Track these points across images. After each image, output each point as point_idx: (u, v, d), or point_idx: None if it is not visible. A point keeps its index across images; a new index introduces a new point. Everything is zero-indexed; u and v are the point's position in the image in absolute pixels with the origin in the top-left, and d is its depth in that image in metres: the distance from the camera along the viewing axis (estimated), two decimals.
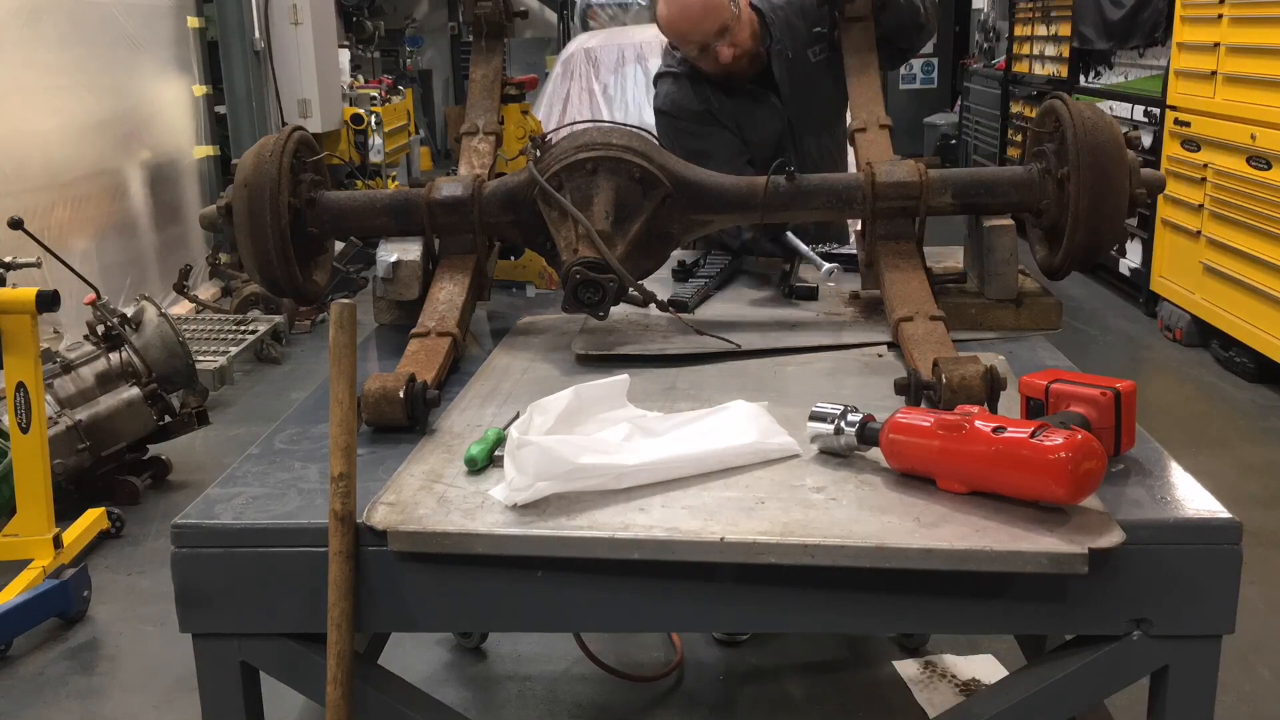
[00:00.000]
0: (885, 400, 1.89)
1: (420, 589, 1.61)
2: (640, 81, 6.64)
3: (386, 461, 1.77)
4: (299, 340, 6.68)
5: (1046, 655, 1.78)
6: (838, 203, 2.35)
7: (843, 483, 1.65)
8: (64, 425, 4.21)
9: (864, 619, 1.66)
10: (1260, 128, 5.34)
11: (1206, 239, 5.88)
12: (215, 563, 1.61)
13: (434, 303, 2.29)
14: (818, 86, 2.94)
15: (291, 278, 2.32)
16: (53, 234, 5.48)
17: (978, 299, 2.38)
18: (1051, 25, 8.59)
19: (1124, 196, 2.19)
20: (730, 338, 2.28)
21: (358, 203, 2.43)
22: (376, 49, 12.38)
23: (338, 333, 1.61)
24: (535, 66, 11.05)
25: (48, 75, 5.88)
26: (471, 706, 3.14)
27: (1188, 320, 6.10)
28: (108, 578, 3.87)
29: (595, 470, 1.61)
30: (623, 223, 2.25)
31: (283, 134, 2.33)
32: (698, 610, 1.62)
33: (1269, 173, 5.29)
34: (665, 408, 1.94)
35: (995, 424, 1.55)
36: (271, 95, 7.61)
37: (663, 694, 3.15)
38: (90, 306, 4.48)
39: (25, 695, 3.24)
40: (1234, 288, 5.61)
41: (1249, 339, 5.48)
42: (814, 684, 3.18)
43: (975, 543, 1.47)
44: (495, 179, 2.46)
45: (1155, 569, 1.53)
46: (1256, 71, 5.42)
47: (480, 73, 2.84)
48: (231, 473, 1.78)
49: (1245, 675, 3.13)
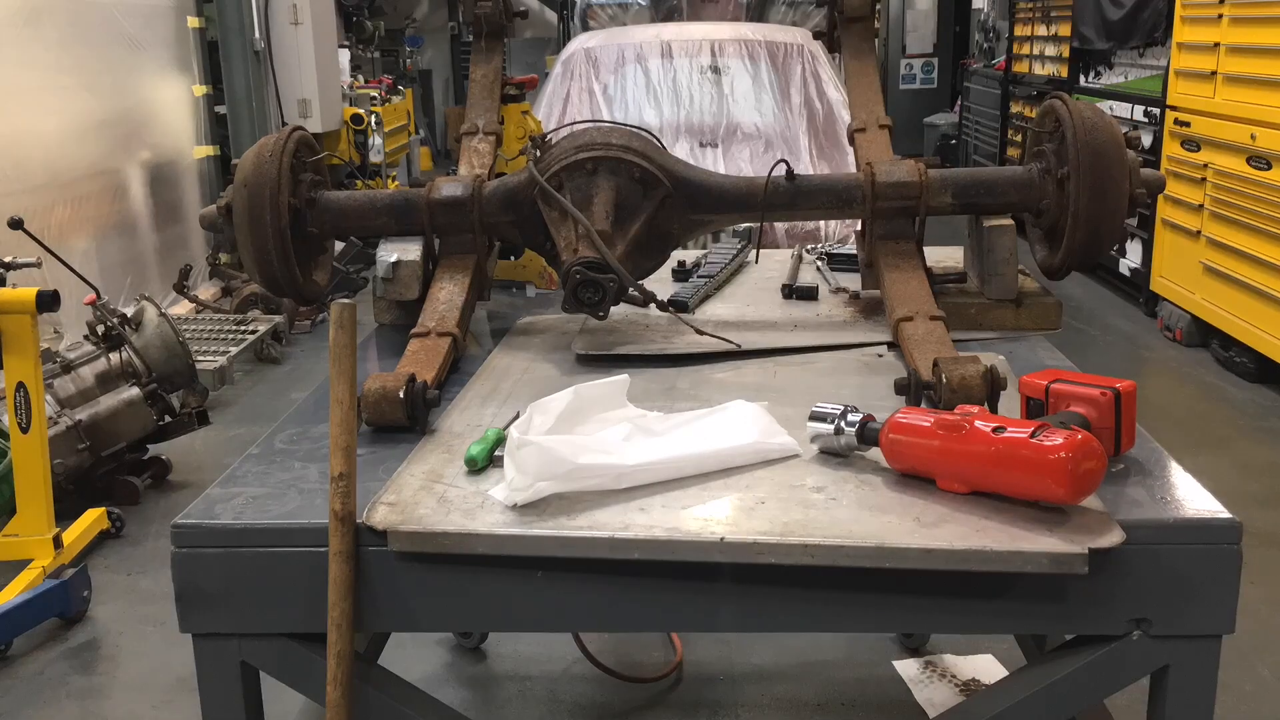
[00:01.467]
0: (885, 400, 1.89)
1: (420, 589, 1.61)
2: (640, 81, 6.64)
3: (386, 461, 1.77)
4: (299, 340, 6.68)
5: (1046, 655, 1.78)
6: (837, 202, 2.35)
7: (843, 483, 1.65)
8: (64, 425, 4.21)
9: (864, 619, 1.66)
10: (1260, 128, 5.34)
11: (1206, 239, 5.88)
12: (215, 563, 1.61)
13: (434, 303, 2.29)
14: None
15: (291, 278, 2.32)
16: (53, 234, 5.48)
17: (978, 299, 2.38)
18: (1051, 25, 8.59)
19: (1124, 196, 2.19)
20: (730, 338, 2.28)
21: (358, 203, 2.43)
22: (376, 49, 12.37)
23: (338, 333, 1.61)
24: (535, 66, 11.05)
25: (48, 75, 5.88)
26: (471, 706, 3.14)
27: (1188, 320, 6.10)
28: (108, 578, 3.87)
29: (595, 470, 1.62)
30: (623, 223, 2.25)
31: (283, 134, 2.33)
32: (698, 610, 1.61)
33: (1269, 173, 5.29)
34: (665, 408, 1.94)
35: (995, 424, 1.55)
36: (271, 95, 7.61)
37: (663, 694, 3.15)
38: (90, 306, 4.48)
39: (25, 695, 3.24)
40: (1234, 288, 5.61)
41: (1249, 339, 5.49)
42: (814, 684, 3.18)
43: (975, 543, 1.47)
44: (495, 179, 2.46)
45: (1155, 569, 1.53)
46: (1256, 71, 5.42)
47: (480, 73, 2.84)
48: (231, 473, 1.78)
49: (1245, 675, 3.13)
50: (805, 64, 6.63)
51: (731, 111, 6.47)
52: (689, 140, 6.30)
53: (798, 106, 6.48)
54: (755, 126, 6.40)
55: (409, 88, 11.39)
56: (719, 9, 9.17)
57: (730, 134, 6.38)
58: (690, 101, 6.54)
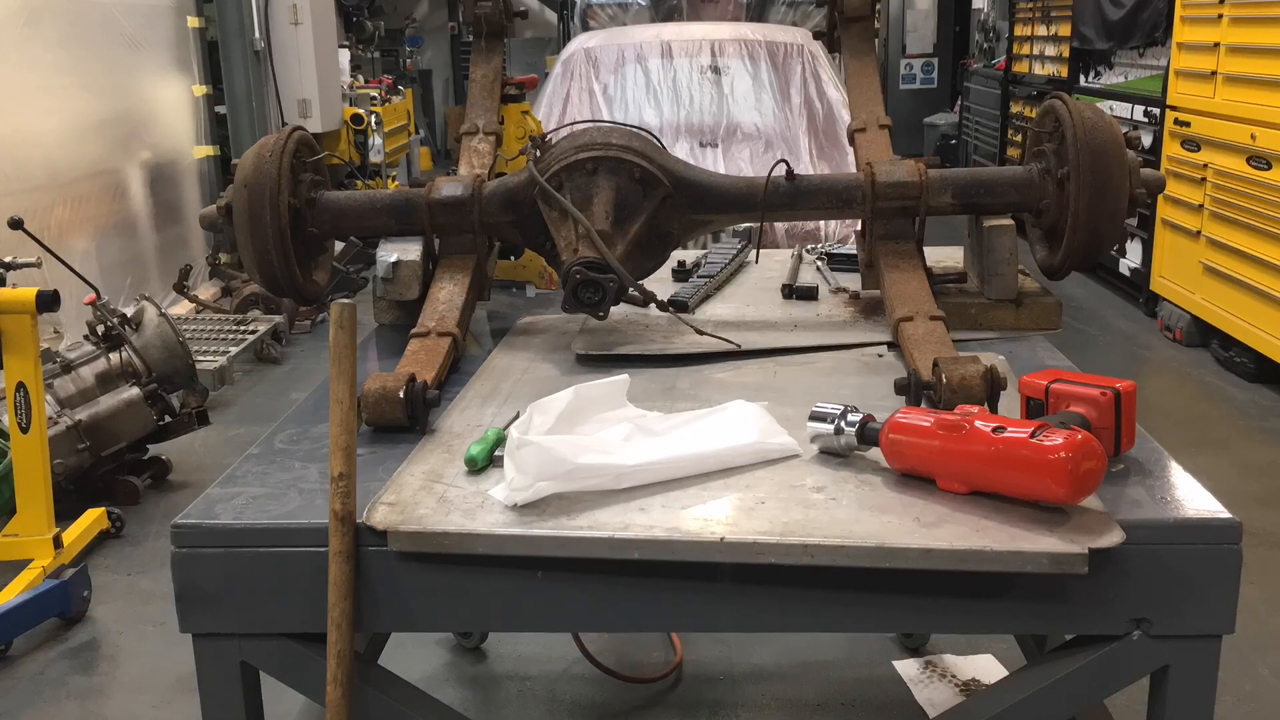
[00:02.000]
0: (885, 400, 1.89)
1: (420, 589, 1.61)
2: (640, 81, 6.64)
3: (386, 461, 1.77)
4: (299, 340, 6.68)
5: (1046, 655, 1.78)
6: (837, 202, 2.35)
7: (843, 483, 1.65)
8: (64, 425, 4.21)
9: (864, 619, 1.66)
10: (1260, 128, 5.34)
11: (1206, 239, 5.88)
12: (215, 563, 1.61)
13: (434, 303, 2.29)
14: None
15: (291, 278, 2.32)
16: (53, 234, 5.48)
17: (978, 299, 2.38)
18: (1051, 25, 8.59)
19: (1124, 196, 2.19)
20: (730, 338, 2.28)
21: (358, 203, 2.43)
22: (376, 49, 12.37)
23: (338, 333, 1.61)
24: (535, 66, 11.05)
25: (48, 75, 5.88)
26: (471, 706, 3.14)
27: (1188, 320, 6.10)
28: (108, 578, 3.87)
29: (595, 470, 1.61)
30: (623, 223, 2.25)
31: (283, 134, 2.33)
32: (698, 610, 1.61)
33: (1269, 173, 5.29)
34: (665, 408, 1.94)
35: (995, 424, 1.55)
36: (271, 95, 7.61)
37: (663, 694, 3.15)
38: (90, 306, 4.48)
39: (25, 695, 3.24)
40: (1234, 288, 5.61)
41: (1249, 339, 5.48)
42: (814, 684, 3.18)
43: (975, 543, 1.47)
44: (495, 179, 2.46)
45: (1155, 569, 1.53)
46: (1256, 71, 5.42)
47: (480, 73, 2.84)
48: (231, 473, 1.78)
49: (1245, 675, 3.13)
50: (805, 64, 6.63)
51: (731, 111, 6.47)
52: (689, 140, 6.30)
53: (798, 106, 6.48)
54: (755, 126, 6.40)
55: (409, 88, 11.39)
56: (719, 9, 9.16)
57: (730, 134, 6.38)
58: (690, 101, 6.54)
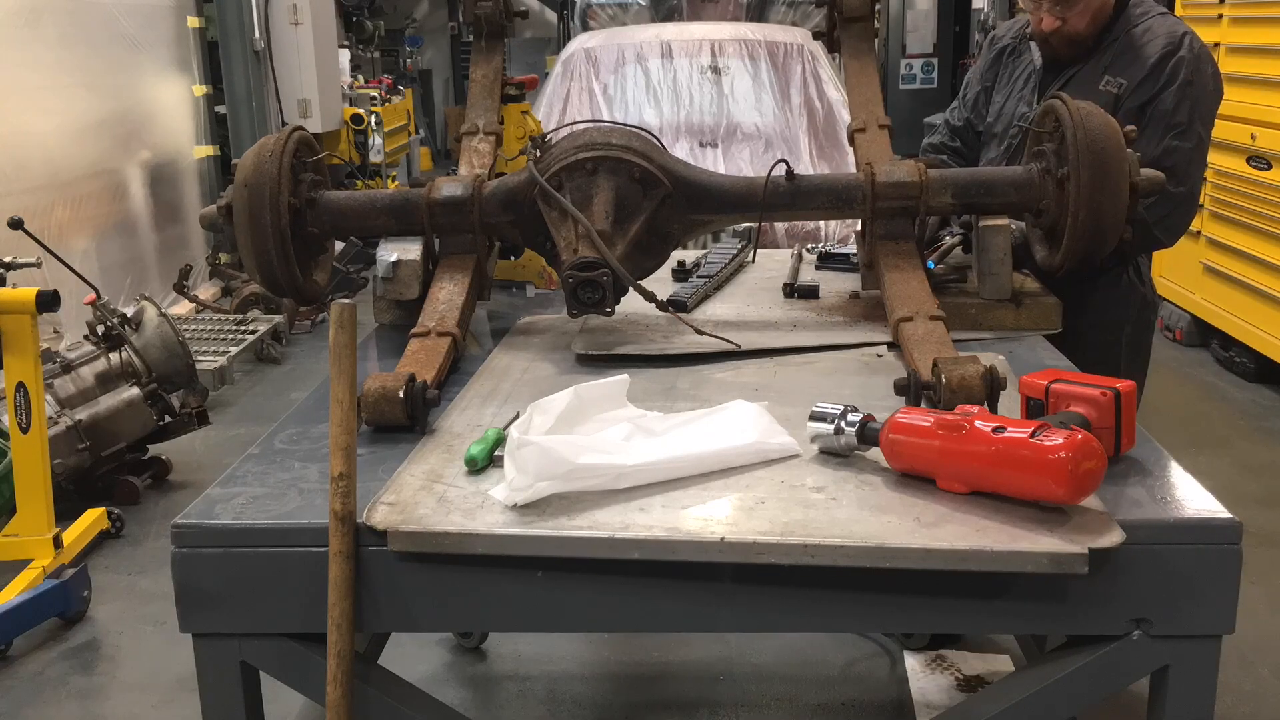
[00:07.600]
0: (885, 400, 1.89)
1: (420, 589, 1.61)
2: (640, 81, 6.64)
3: (386, 461, 1.77)
4: (299, 340, 6.68)
5: (1046, 655, 1.78)
6: (837, 202, 2.35)
7: (843, 483, 1.65)
8: (64, 425, 4.21)
9: (864, 619, 1.66)
10: (1260, 128, 5.34)
11: (1206, 239, 5.88)
12: (215, 563, 1.61)
13: (434, 303, 2.29)
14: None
15: (291, 278, 2.32)
16: (53, 234, 5.48)
17: (978, 299, 2.38)
18: None
19: (1124, 197, 2.19)
20: (730, 338, 2.28)
21: (358, 203, 2.43)
22: (376, 49, 12.37)
23: (338, 333, 1.61)
24: (535, 66, 11.03)
25: (48, 75, 5.88)
26: (471, 706, 3.14)
27: (1188, 320, 6.10)
28: (108, 578, 3.87)
29: (595, 470, 1.61)
30: (623, 223, 2.25)
31: (283, 134, 2.33)
32: (698, 610, 1.61)
33: (1269, 173, 5.29)
34: (665, 408, 1.94)
35: (995, 424, 1.55)
36: (271, 95, 7.61)
37: (663, 694, 3.15)
38: (90, 306, 4.48)
39: (25, 695, 3.24)
40: (1234, 288, 5.61)
41: (1249, 339, 5.48)
42: (814, 684, 3.18)
43: (975, 543, 1.47)
44: (495, 179, 2.46)
45: (1155, 569, 1.53)
46: (1256, 71, 5.42)
47: (480, 73, 2.84)
48: (231, 473, 1.78)
49: (1245, 675, 3.13)
50: (805, 64, 6.63)
51: (731, 111, 6.47)
52: (689, 140, 6.30)
53: (798, 106, 6.47)
54: (755, 126, 6.40)
55: (409, 88, 11.40)
56: (719, 9, 9.15)
57: (730, 134, 6.38)
58: (690, 101, 6.54)
